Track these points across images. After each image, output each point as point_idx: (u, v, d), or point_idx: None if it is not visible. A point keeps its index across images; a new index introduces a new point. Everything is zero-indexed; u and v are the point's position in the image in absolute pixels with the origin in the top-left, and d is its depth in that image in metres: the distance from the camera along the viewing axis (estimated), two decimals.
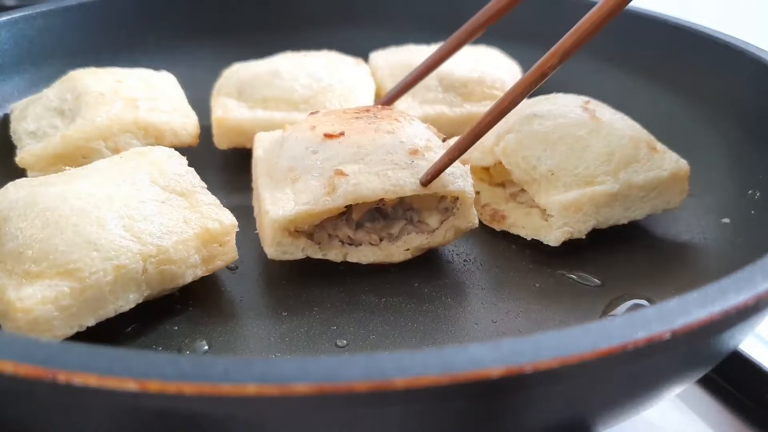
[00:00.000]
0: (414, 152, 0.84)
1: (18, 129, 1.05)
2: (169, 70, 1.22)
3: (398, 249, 0.87)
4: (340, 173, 0.81)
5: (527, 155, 0.91)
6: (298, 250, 0.84)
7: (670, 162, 0.94)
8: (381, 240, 0.87)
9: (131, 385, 0.43)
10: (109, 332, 0.76)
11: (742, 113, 1.00)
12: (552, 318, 0.81)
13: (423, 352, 0.46)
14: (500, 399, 0.50)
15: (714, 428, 0.79)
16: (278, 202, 0.83)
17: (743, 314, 0.52)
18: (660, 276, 0.88)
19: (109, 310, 0.73)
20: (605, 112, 0.97)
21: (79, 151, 0.99)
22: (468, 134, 0.83)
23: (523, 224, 0.93)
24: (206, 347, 0.76)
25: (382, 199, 0.83)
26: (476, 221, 0.88)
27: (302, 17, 1.44)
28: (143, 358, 0.45)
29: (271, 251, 0.83)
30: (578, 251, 0.91)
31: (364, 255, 0.86)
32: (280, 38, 1.38)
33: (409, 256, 0.88)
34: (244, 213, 0.93)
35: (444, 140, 0.91)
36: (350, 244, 0.86)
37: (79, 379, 0.44)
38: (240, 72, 1.18)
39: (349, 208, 0.84)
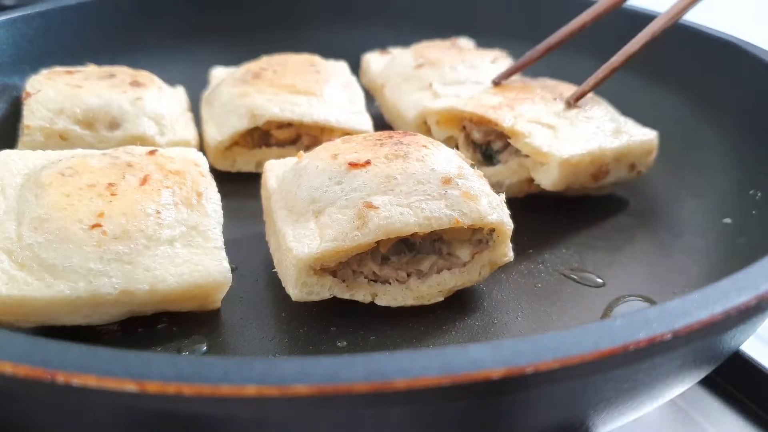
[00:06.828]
0: (447, 181, 0.78)
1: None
2: (168, 69, 1.22)
3: (430, 289, 0.81)
4: (370, 206, 0.75)
5: None
6: (325, 290, 0.78)
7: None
8: (409, 276, 0.81)
9: (130, 386, 0.43)
10: (106, 332, 0.76)
11: (743, 113, 1.00)
12: (552, 318, 0.81)
13: (423, 353, 0.45)
14: (501, 400, 0.50)
15: (715, 428, 0.79)
16: (302, 238, 0.77)
17: (745, 315, 0.52)
18: (661, 276, 0.88)
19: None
20: None
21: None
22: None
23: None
24: (205, 348, 0.76)
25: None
26: (512, 255, 0.83)
27: (302, 17, 1.45)
28: (142, 359, 0.45)
29: (296, 292, 0.77)
30: (579, 251, 0.91)
31: (394, 297, 0.80)
32: (279, 38, 1.38)
33: (441, 298, 0.82)
34: (244, 214, 0.93)
35: (473, 166, 0.86)
36: (375, 281, 0.80)
37: (78, 380, 0.44)
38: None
39: (376, 242, 0.77)
